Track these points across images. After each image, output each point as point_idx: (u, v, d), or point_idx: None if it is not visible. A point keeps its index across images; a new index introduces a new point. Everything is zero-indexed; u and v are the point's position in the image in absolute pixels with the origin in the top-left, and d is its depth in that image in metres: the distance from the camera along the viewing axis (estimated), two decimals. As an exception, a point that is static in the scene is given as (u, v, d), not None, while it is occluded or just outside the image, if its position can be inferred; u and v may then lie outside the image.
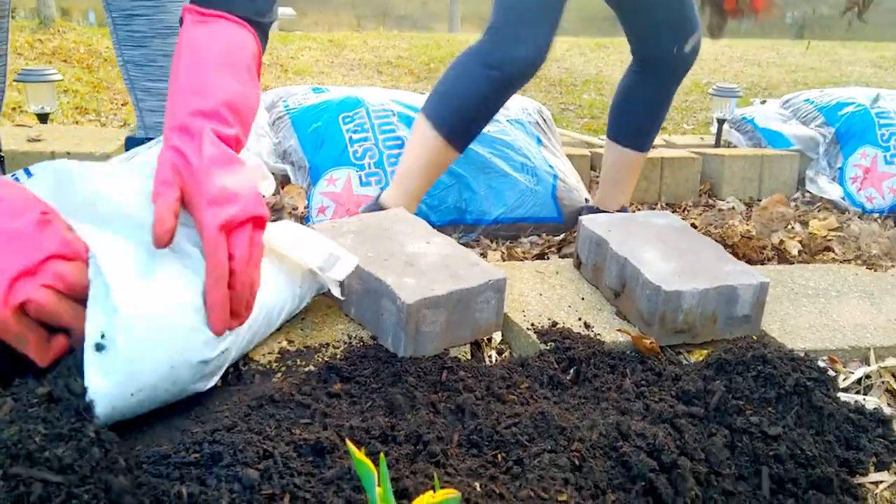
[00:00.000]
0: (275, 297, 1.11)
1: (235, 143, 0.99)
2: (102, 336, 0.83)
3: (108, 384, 0.84)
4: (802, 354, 1.12)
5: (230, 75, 1.00)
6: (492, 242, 2.59)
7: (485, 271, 1.21)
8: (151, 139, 1.38)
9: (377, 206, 2.11)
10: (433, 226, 1.41)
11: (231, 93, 0.99)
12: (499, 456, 0.97)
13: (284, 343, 1.14)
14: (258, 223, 0.95)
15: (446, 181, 2.62)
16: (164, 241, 0.89)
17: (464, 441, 0.99)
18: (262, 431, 0.91)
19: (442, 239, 1.32)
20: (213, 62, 1.00)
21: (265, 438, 0.90)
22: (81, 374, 0.83)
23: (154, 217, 0.90)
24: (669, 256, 1.31)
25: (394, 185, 2.11)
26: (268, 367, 1.08)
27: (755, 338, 1.24)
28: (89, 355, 0.83)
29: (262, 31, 1.09)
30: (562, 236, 2.64)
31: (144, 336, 0.86)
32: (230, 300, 0.92)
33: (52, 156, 2.68)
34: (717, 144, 3.84)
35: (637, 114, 2.37)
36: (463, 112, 1.96)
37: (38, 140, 2.77)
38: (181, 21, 1.03)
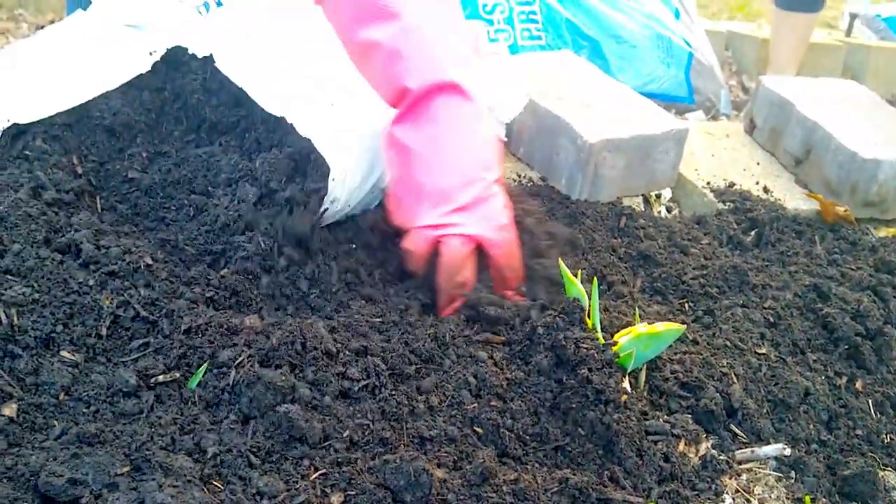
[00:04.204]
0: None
1: None
2: None
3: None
4: None
5: None
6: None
7: (666, 120, 1.14)
8: None
9: None
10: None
11: None
12: (685, 305, 0.93)
13: (455, 174, 1.10)
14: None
15: (579, 44, 2.48)
16: None
17: (647, 287, 0.95)
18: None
19: (616, 84, 1.24)
20: None
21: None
22: None
23: None
24: (863, 124, 1.20)
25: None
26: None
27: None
28: None
29: None
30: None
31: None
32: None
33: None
34: (847, 42, 3.53)
35: None
36: None
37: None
38: None
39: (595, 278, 0.77)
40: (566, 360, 0.72)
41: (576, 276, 0.77)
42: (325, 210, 0.82)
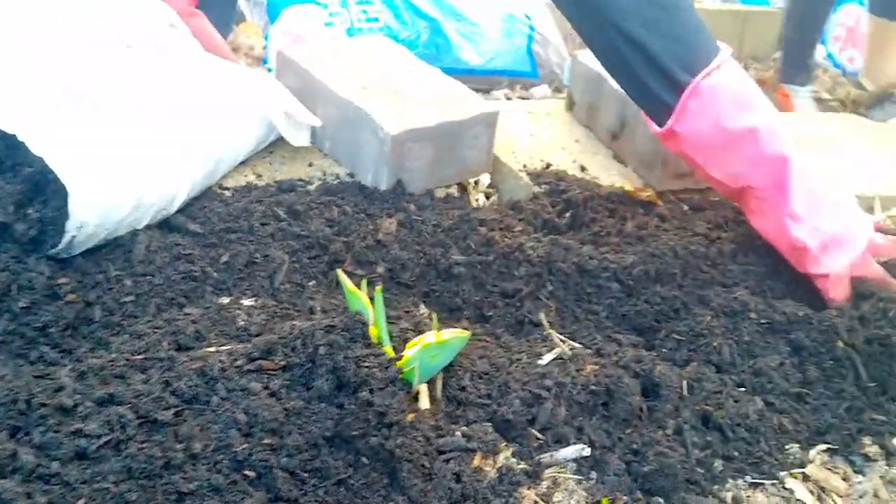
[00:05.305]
0: (239, 129, 0.99)
1: None
2: None
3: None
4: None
5: None
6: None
7: (475, 104, 1.09)
8: None
9: None
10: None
11: None
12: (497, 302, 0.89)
13: (252, 177, 1.01)
14: None
15: (419, 25, 2.42)
16: None
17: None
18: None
19: (427, 69, 1.18)
20: None
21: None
22: None
23: None
24: (674, 95, 1.20)
25: None
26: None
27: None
28: None
29: None
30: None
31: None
32: None
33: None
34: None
35: None
36: None
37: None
38: None
39: (380, 286, 0.71)
40: (347, 382, 0.66)
41: (359, 286, 0.71)
42: (73, 237, 0.73)
